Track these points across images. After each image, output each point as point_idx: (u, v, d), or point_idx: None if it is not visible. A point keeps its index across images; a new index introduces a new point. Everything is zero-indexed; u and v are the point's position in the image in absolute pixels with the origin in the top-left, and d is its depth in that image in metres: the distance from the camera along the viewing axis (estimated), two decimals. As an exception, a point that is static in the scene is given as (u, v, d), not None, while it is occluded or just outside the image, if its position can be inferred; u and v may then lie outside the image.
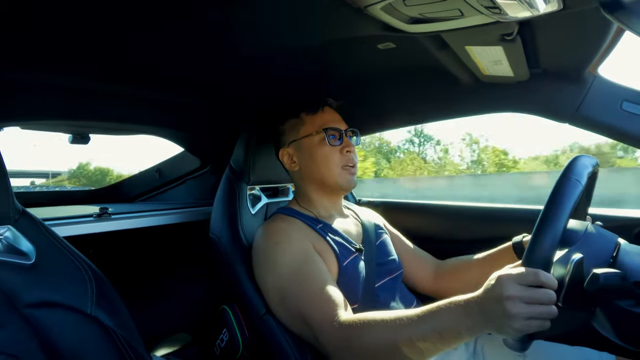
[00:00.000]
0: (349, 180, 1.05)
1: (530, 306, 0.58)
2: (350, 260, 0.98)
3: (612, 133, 0.99)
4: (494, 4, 0.63)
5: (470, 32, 0.77)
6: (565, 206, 0.61)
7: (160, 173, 1.86)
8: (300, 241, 0.95)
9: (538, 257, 0.60)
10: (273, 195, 1.31)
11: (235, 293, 1.05)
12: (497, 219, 1.33)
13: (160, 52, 0.92)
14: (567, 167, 0.66)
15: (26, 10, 0.68)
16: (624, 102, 0.96)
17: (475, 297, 0.64)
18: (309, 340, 0.88)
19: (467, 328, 0.64)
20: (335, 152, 1.04)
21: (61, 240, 0.73)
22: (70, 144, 1.47)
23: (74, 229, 1.07)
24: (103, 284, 0.73)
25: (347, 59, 1.02)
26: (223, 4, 0.70)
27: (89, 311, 0.68)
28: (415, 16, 0.73)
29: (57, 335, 0.63)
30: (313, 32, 0.84)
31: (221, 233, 1.12)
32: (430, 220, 1.48)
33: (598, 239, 0.66)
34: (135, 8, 0.70)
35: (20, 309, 0.62)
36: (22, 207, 0.71)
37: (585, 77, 0.99)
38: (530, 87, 1.06)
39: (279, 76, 1.14)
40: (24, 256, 0.66)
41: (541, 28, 0.79)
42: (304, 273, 0.89)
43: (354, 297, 0.95)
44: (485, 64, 0.96)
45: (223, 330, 1.07)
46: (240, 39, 0.86)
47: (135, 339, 0.72)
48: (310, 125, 1.06)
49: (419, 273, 1.15)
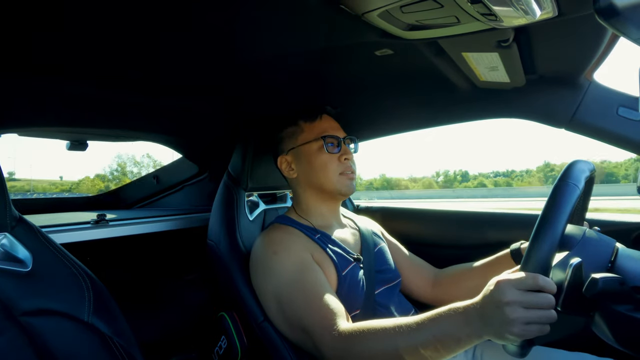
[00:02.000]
0: (348, 185, 1.05)
1: (530, 311, 0.58)
2: (349, 270, 0.98)
3: (608, 138, 1.00)
4: (490, 11, 0.64)
5: (466, 39, 0.78)
6: (563, 210, 0.61)
7: (158, 179, 1.86)
8: (299, 251, 0.95)
9: (537, 261, 0.60)
10: (271, 202, 1.31)
11: (233, 300, 1.04)
12: (495, 224, 1.33)
13: (159, 58, 0.92)
14: (564, 171, 0.66)
15: (25, 18, 0.69)
16: (620, 108, 0.97)
17: (474, 303, 0.64)
18: (307, 349, 0.87)
19: (467, 334, 0.64)
20: (333, 159, 1.04)
21: (58, 248, 0.72)
22: (68, 151, 1.47)
23: (72, 236, 1.06)
24: (100, 291, 0.72)
25: (344, 65, 1.03)
26: (221, 11, 0.70)
27: (86, 319, 0.68)
28: (412, 23, 0.74)
29: (53, 343, 0.62)
30: (311, 38, 0.84)
31: (219, 239, 1.12)
32: (428, 226, 1.48)
33: (596, 243, 0.66)
34: (133, 15, 0.70)
35: (16, 317, 0.61)
36: (19, 214, 0.71)
37: (581, 83, 1.00)
38: (527, 93, 1.07)
39: (277, 82, 1.14)
40: (20, 264, 0.66)
41: (537, 34, 0.80)
42: (302, 282, 0.89)
43: (355, 305, 0.94)
44: (481, 70, 0.96)
45: (221, 338, 1.06)
46: (238, 46, 0.87)
47: (132, 346, 0.71)
48: (308, 132, 1.06)
49: (417, 281, 1.15)
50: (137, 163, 62.67)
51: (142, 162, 62.60)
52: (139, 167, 61.93)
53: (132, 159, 63.10)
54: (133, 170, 61.08)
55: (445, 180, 63.59)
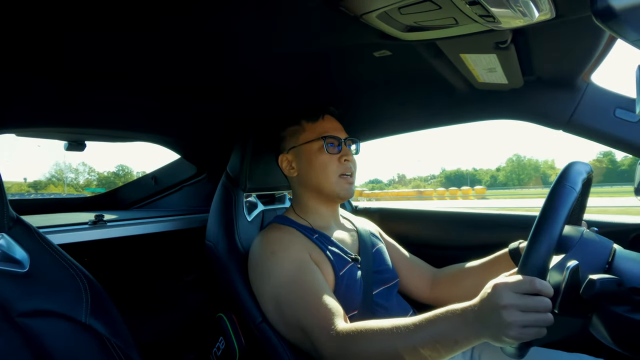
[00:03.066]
0: (346, 189, 1.05)
1: (526, 314, 0.58)
2: (346, 270, 0.98)
3: (605, 140, 1.00)
4: (488, 13, 0.64)
5: (464, 40, 0.78)
6: (560, 214, 0.61)
7: (156, 180, 1.86)
8: (297, 251, 0.95)
9: (534, 264, 0.60)
10: (269, 203, 1.31)
11: (231, 300, 1.04)
12: (493, 225, 1.33)
13: (158, 59, 0.92)
14: (561, 174, 0.66)
15: (23, 17, 0.68)
16: (617, 109, 0.97)
17: (471, 305, 0.64)
18: (305, 349, 0.87)
19: (465, 336, 0.64)
20: (333, 160, 1.04)
21: (56, 248, 0.72)
22: (66, 151, 1.46)
23: (69, 236, 1.06)
24: (98, 292, 0.72)
25: (343, 66, 1.03)
26: (221, 12, 0.70)
27: (84, 319, 0.67)
28: (411, 24, 0.74)
29: (51, 344, 0.62)
30: (309, 40, 0.84)
31: (217, 240, 1.12)
32: (427, 227, 1.48)
33: (594, 245, 0.66)
34: (133, 14, 0.70)
35: (14, 318, 0.61)
36: (16, 214, 0.70)
37: (579, 84, 1.01)
38: (525, 95, 1.08)
39: (276, 83, 1.14)
40: (17, 264, 0.66)
41: (535, 36, 0.80)
42: (301, 282, 0.89)
43: (353, 305, 0.95)
44: (479, 71, 0.97)
45: (219, 339, 1.06)
46: (237, 47, 0.87)
47: (130, 347, 0.71)
48: (310, 132, 1.07)
49: (415, 281, 1.15)
50: (73, 170, 77.39)
51: (79, 169, 79.07)
52: (75, 173, 75.83)
53: (69, 167, 77.43)
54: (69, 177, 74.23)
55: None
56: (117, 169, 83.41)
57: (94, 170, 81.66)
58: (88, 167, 79.36)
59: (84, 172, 77.96)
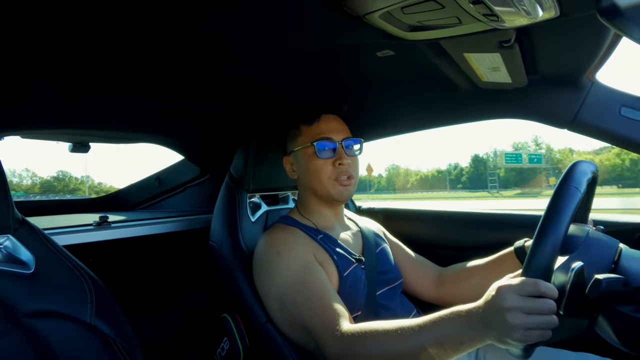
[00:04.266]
0: (341, 192, 1.03)
1: (531, 317, 0.58)
2: (350, 271, 0.98)
3: (611, 139, 1.00)
4: (491, 12, 0.64)
5: (468, 40, 0.78)
6: (564, 215, 0.61)
7: (160, 181, 1.86)
8: (302, 252, 0.95)
9: (538, 266, 0.60)
10: (273, 203, 1.31)
11: (235, 301, 1.04)
12: (498, 225, 1.33)
13: (161, 60, 0.93)
14: (565, 174, 0.66)
15: (23, 17, 0.69)
16: (622, 108, 0.96)
17: (476, 307, 0.64)
18: (310, 349, 0.87)
19: (469, 338, 0.64)
20: (327, 164, 1.02)
21: (61, 250, 0.72)
22: (70, 153, 1.47)
23: (74, 237, 1.07)
24: (102, 293, 0.72)
25: (346, 66, 1.03)
26: (223, 12, 0.71)
27: (89, 320, 0.68)
28: (414, 24, 0.74)
29: (56, 344, 0.62)
30: (312, 39, 0.84)
31: (221, 241, 1.12)
32: (431, 227, 1.47)
33: (599, 244, 0.66)
34: (135, 16, 0.71)
35: (19, 319, 0.61)
36: (21, 216, 0.71)
37: (583, 83, 1.00)
38: (529, 94, 1.07)
39: (279, 83, 1.14)
40: (23, 265, 0.66)
41: (539, 35, 0.80)
42: (305, 283, 0.89)
43: (357, 306, 0.94)
44: (483, 70, 0.96)
45: (224, 339, 1.06)
46: (240, 47, 0.87)
47: (134, 347, 0.71)
48: (305, 136, 1.05)
49: (420, 281, 1.15)
50: (16, 175, 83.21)
51: (22, 174, 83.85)
52: (19, 178, 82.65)
53: (13, 172, 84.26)
54: (13, 181, 77.79)
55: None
56: (58, 173, 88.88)
57: (36, 175, 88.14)
58: (31, 172, 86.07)
59: (27, 177, 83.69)
